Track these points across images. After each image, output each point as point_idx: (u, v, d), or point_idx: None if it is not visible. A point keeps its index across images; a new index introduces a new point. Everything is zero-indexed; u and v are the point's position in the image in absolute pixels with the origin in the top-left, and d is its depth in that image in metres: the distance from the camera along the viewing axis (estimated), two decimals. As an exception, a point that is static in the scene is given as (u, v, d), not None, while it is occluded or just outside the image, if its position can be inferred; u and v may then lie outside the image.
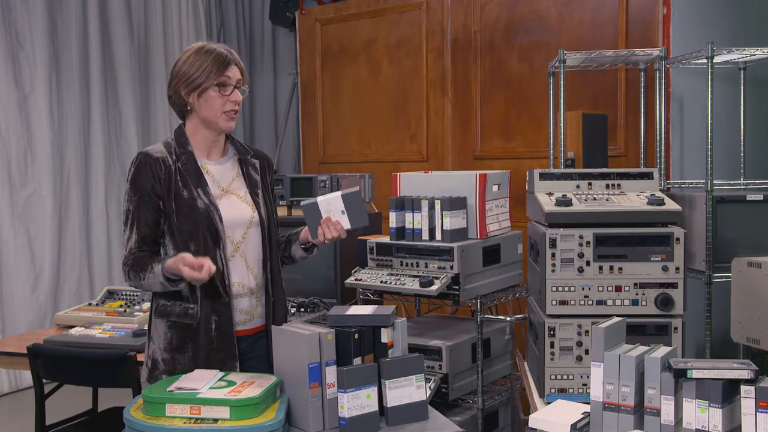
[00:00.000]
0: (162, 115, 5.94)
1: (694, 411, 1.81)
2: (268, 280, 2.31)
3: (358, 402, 1.92)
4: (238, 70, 2.25)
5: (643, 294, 2.45)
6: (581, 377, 2.46)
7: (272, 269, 2.32)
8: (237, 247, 2.25)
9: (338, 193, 2.25)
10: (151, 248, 2.20)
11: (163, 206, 2.19)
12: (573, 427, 1.94)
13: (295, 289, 3.57)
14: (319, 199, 2.25)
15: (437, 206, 2.97)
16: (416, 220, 3.02)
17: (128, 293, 3.49)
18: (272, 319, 2.30)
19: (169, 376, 2.17)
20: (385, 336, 2.06)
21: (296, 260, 2.46)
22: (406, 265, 3.05)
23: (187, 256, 2.03)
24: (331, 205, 2.24)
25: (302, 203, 2.27)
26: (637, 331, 2.41)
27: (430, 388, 2.90)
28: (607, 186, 2.73)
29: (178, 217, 2.18)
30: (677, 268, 2.44)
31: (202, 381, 1.96)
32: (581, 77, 4.37)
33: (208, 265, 2.02)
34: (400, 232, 3.07)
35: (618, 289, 2.46)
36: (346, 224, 2.25)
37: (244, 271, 2.26)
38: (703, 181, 3.44)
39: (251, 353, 2.28)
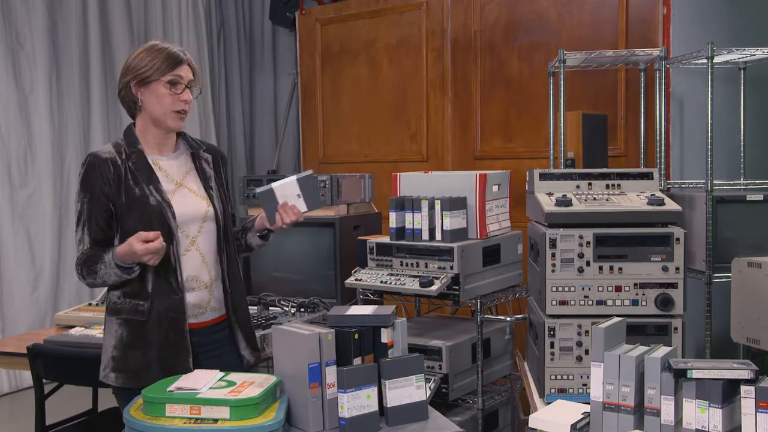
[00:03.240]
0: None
1: (694, 411, 1.81)
2: (224, 272, 2.33)
3: (358, 402, 1.92)
4: (190, 71, 2.26)
5: (643, 294, 2.45)
6: (581, 377, 2.46)
7: (229, 262, 2.34)
8: (193, 241, 2.26)
9: (293, 177, 2.25)
10: (104, 250, 2.19)
11: (114, 207, 2.19)
12: (573, 427, 1.94)
13: (295, 289, 3.57)
14: (275, 185, 2.25)
15: (437, 206, 2.97)
16: (416, 220, 3.02)
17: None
18: (231, 310, 2.33)
19: (118, 373, 2.21)
20: (385, 336, 2.06)
21: (253, 248, 2.49)
22: (406, 265, 3.05)
23: (140, 233, 2.05)
24: (287, 190, 2.24)
25: (257, 190, 2.26)
26: (637, 331, 2.41)
27: (430, 388, 2.90)
28: (607, 186, 2.72)
29: (130, 216, 2.18)
30: (677, 268, 2.44)
31: (202, 381, 1.96)
32: (581, 77, 4.36)
33: (159, 236, 2.04)
34: (400, 232, 3.07)
35: (618, 289, 2.46)
36: (303, 207, 2.26)
37: (199, 265, 2.27)
38: (703, 181, 3.44)
39: (204, 346, 2.29)
